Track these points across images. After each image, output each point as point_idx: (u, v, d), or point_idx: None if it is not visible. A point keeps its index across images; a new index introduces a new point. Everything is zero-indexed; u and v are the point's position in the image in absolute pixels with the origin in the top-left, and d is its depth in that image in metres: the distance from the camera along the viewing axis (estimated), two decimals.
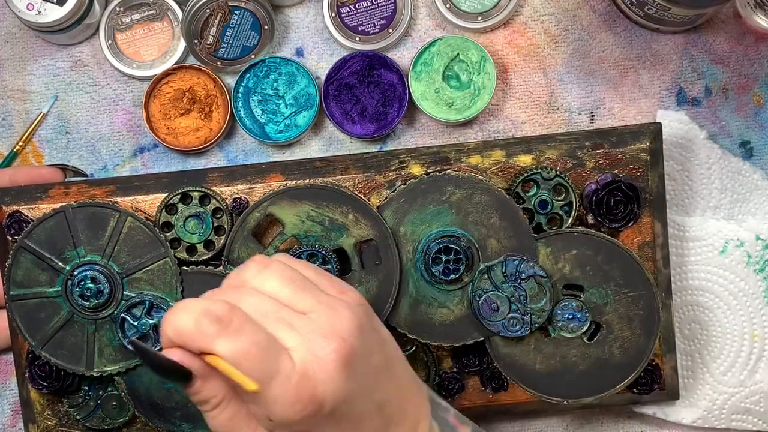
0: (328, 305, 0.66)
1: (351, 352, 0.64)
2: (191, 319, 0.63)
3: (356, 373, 0.65)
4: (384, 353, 0.68)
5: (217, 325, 0.62)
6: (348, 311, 0.66)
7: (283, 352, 0.63)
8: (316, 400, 0.63)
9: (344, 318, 0.65)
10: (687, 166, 0.92)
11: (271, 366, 0.62)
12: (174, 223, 0.85)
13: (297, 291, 0.66)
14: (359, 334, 0.65)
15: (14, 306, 0.84)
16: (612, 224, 0.85)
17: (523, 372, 0.85)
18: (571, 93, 0.93)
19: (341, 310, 0.66)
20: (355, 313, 0.66)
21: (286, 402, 0.62)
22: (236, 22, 0.89)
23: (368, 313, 0.69)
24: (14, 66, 0.93)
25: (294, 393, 0.62)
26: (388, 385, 0.68)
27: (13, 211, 0.85)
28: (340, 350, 0.64)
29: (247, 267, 0.67)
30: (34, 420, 0.87)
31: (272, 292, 0.66)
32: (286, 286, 0.66)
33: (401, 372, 0.70)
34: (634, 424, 0.94)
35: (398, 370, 0.69)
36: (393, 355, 0.70)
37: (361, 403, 0.66)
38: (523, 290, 0.83)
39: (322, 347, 0.64)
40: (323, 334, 0.64)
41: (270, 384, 0.62)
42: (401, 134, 0.93)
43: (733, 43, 0.93)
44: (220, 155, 0.93)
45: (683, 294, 0.92)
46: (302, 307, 0.66)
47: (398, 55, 0.93)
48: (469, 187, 0.84)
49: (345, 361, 0.64)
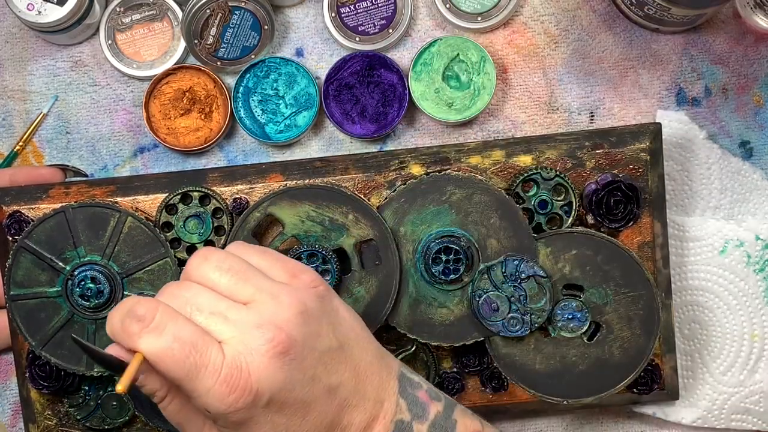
0: (270, 294, 0.66)
1: (287, 340, 0.65)
2: (118, 319, 0.65)
3: (296, 359, 0.65)
4: (337, 335, 0.69)
5: (138, 324, 0.64)
6: (290, 298, 0.66)
7: (213, 346, 0.64)
8: (251, 391, 0.64)
9: (284, 306, 0.66)
10: (687, 166, 0.92)
11: (198, 360, 0.63)
12: (174, 223, 0.85)
13: (238, 281, 0.67)
14: (301, 319, 0.66)
15: (14, 306, 0.84)
16: (612, 224, 0.85)
17: (523, 372, 0.85)
18: (571, 93, 0.93)
19: (282, 297, 0.66)
20: (299, 299, 0.67)
21: (217, 394, 0.63)
22: (236, 22, 0.89)
23: (321, 295, 0.69)
24: (14, 66, 0.93)
25: (225, 385, 0.63)
26: (341, 368, 0.68)
27: (13, 211, 0.85)
28: (274, 339, 0.64)
29: (190, 260, 0.68)
30: (34, 420, 0.88)
31: (212, 284, 0.67)
32: (226, 276, 0.67)
33: (359, 353, 0.70)
34: (634, 424, 0.94)
35: (355, 352, 0.69)
36: (349, 337, 0.70)
37: (305, 389, 0.66)
38: (523, 290, 0.83)
39: (256, 338, 0.64)
40: (258, 325, 0.65)
41: (198, 378, 0.63)
42: (401, 134, 0.93)
43: (732, 43, 0.93)
44: (220, 155, 0.93)
45: (683, 294, 0.92)
46: (243, 297, 0.67)
47: (398, 55, 0.93)
48: (469, 187, 0.84)
49: (280, 350, 0.64)
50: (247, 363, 0.64)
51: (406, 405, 0.70)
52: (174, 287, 0.67)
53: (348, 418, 0.69)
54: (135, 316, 0.64)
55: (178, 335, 0.64)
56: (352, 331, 0.70)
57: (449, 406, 0.72)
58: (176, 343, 0.63)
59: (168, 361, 0.63)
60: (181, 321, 0.64)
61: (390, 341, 0.87)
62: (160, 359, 0.63)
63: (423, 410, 0.71)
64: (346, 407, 0.68)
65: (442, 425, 0.71)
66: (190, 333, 0.64)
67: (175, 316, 0.64)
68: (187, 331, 0.64)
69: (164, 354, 0.63)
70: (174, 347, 0.63)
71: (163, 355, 0.63)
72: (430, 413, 0.71)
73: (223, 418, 0.65)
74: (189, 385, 0.64)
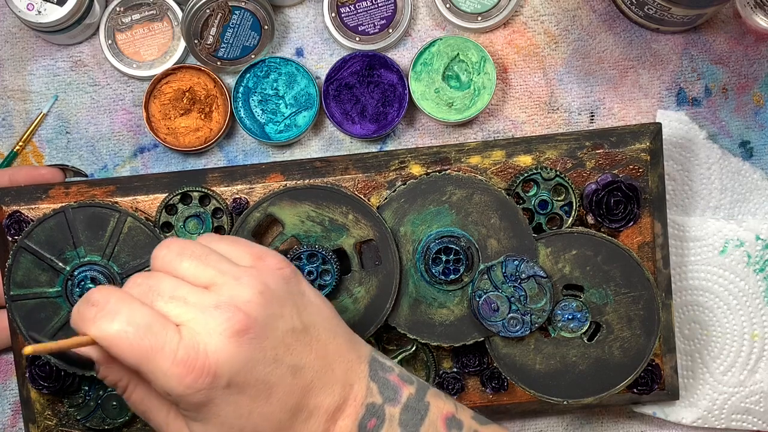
0: (233, 276, 0.67)
1: (245, 319, 0.65)
2: (75, 308, 0.66)
3: (255, 338, 0.65)
4: (302, 318, 0.69)
5: (92, 309, 0.64)
6: (251, 279, 0.67)
7: (169, 328, 0.64)
8: (209, 371, 0.64)
9: (244, 286, 0.66)
10: (687, 166, 0.92)
11: (153, 342, 0.64)
12: (174, 224, 0.85)
13: (198, 265, 0.67)
14: (262, 299, 0.66)
15: (14, 306, 0.84)
16: (612, 224, 0.85)
17: (523, 372, 0.85)
18: (571, 93, 0.93)
19: (244, 278, 0.67)
20: (261, 280, 0.67)
21: (174, 376, 0.64)
22: (236, 22, 0.89)
23: (287, 277, 0.69)
24: (14, 66, 0.93)
25: (182, 366, 0.64)
26: (306, 350, 0.68)
27: (13, 211, 0.85)
28: (232, 319, 0.65)
29: (155, 251, 0.69)
30: (34, 420, 0.88)
31: (174, 271, 0.67)
32: (187, 261, 0.67)
33: (326, 336, 0.69)
34: (634, 424, 0.94)
35: (322, 335, 0.69)
36: (315, 320, 0.70)
37: (266, 369, 0.66)
38: (523, 290, 0.83)
39: (214, 318, 0.65)
40: (216, 305, 0.65)
41: (154, 360, 0.64)
42: (401, 134, 0.93)
43: (733, 43, 0.93)
44: (220, 155, 0.93)
45: (683, 294, 0.92)
46: (204, 280, 0.67)
47: (398, 55, 0.93)
48: (469, 187, 0.84)
49: (237, 328, 0.65)
50: (205, 344, 0.64)
51: (377, 388, 0.70)
52: (138, 277, 0.67)
53: (315, 401, 0.68)
54: (89, 301, 0.65)
55: (132, 319, 0.64)
56: (319, 315, 0.70)
57: (422, 389, 0.72)
58: (130, 326, 0.64)
59: (122, 345, 0.64)
60: (137, 305, 0.65)
61: (390, 341, 0.87)
62: (114, 343, 0.64)
63: (395, 393, 0.71)
64: (311, 389, 0.68)
65: (415, 407, 0.70)
66: (145, 316, 0.64)
67: (130, 301, 0.65)
68: (142, 314, 0.64)
69: (118, 337, 0.63)
70: (128, 330, 0.63)
71: (117, 339, 0.64)
72: (402, 396, 0.71)
73: (183, 401, 0.65)
74: (146, 368, 0.64)
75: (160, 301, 0.66)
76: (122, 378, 0.67)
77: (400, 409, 0.70)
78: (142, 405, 0.68)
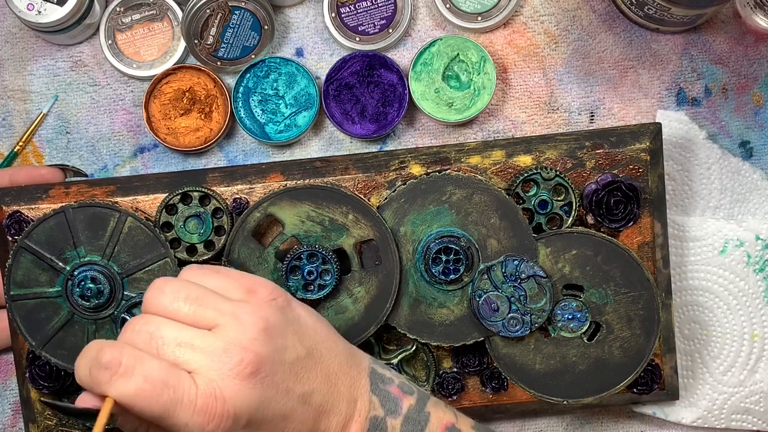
0: (232, 315, 0.67)
1: (255, 359, 0.66)
2: (86, 369, 0.65)
3: (267, 376, 0.66)
4: (304, 343, 0.69)
5: (106, 372, 0.64)
6: (251, 316, 0.67)
7: (184, 378, 0.65)
8: (229, 416, 0.65)
9: (247, 325, 0.67)
10: (687, 166, 0.92)
11: (172, 395, 0.64)
12: (174, 224, 0.85)
13: (198, 308, 0.67)
14: (266, 336, 0.67)
15: (14, 306, 0.84)
16: (612, 224, 0.85)
17: (523, 372, 0.85)
18: (571, 93, 0.93)
19: (243, 317, 0.67)
20: (259, 316, 0.67)
21: (197, 426, 0.64)
22: (236, 22, 0.89)
23: (281, 307, 0.70)
24: (14, 66, 0.93)
25: (203, 415, 0.64)
26: (312, 375, 0.69)
27: (13, 211, 0.85)
28: (243, 362, 0.65)
29: (146, 294, 0.69)
30: (34, 420, 0.88)
31: (173, 314, 0.67)
32: (185, 304, 0.67)
33: (328, 356, 0.70)
34: (634, 424, 0.94)
35: (325, 356, 0.70)
36: (316, 342, 0.70)
37: (280, 403, 0.67)
38: (523, 290, 0.83)
39: (225, 363, 0.65)
40: (225, 349, 0.65)
41: (176, 412, 0.64)
42: (401, 134, 0.93)
43: (732, 43, 0.93)
44: (220, 155, 0.93)
45: (683, 294, 0.92)
46: (206, 323, 0.67)
47: (398, 55, 0.93)
48: (469, 187, 0.84)
49: (250, 370, 0.65)
50: (221, 389, 0.65)
51: (379, 401, 0.71)
52: (136, 323, 0.67)
53: (326, 423, 0.69)
54: (101, 365, 0.64)
55: (148, 375, 0.64)
56: (318, 335, 0.71)
57: (422, 399, 0.73)
58: (147, 383, 0.64)
59: (142, 403, 0.64)
60: (148, 360, 0.65)
61: (390, 341, 0.87)
62: (134, 402, 0.64)
63: (396, 405, 0.71)
64: (322, 413, 0.69)
65: (416, 419, 0.71)
66: (160, 370, 0.64)
67: (141, 356, 0.65)
68: (156, 369, 0.64)
69: (137, 396, 0.64)
70: (145, 388, 0.64)
71: (137, 398, 0.64)
72: (402, 407, 0.71)
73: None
74: (168, 422, 0.64)
75: (167, 348, 0.66)
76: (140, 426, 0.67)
77: (401, 420, 0.71)
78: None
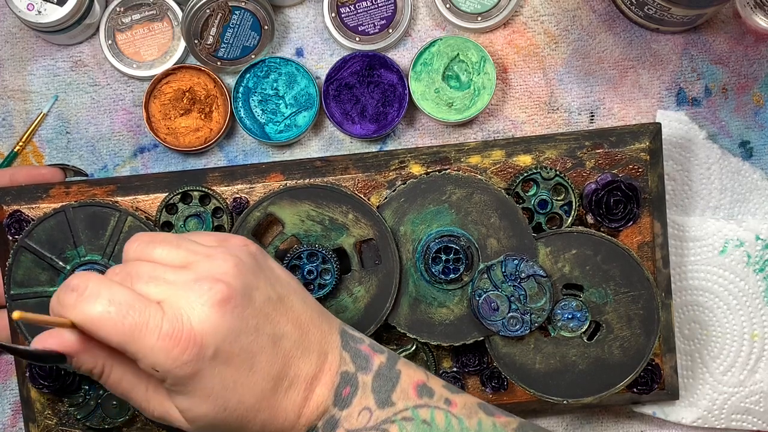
0: (205, 254, 0.68)
1: (226, 290, 0.66)
2: (55, 297, 0.66)
3: (236, 308, 0.67)
4: (275, 289, 0.70)
5: (72, 294, 0.65)
6: (225, 254, 0.68)
7: (151, 305, 0.65)
8: (195, 342, 0.65)
9: (219, 260, 0.68)
10: (687, 166, 0.92)
11: (137, 319, 0.65)
12: (174, 223, 0.85)
13: (171, 249, 0.69)
14: (237, 272, 0.68)
15: (15, 305, 0.84)
16: (611, 224, 0.85)
17: (523, 372, 0.85)
18: (571, 93, 0.93)
19: (217, 254, 0.68)
20: (233, 255, 0.69)
21: (162, 350, 0.65)
22: (236, 22, 0.89)
23: (253, 253, 0.71)
24: (14, 66, 0.93)
25: (168, 340, 0.65)
26: (283, 319, 0.69)
27: (13, 210, 0.85)
28: (213, 289, 0.66)
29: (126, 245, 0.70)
30: (34, 419, 0.88)
31: (147, 257, 0.69)
32: (158, 247, 0.69)
33: (300, 307, 0.71)
34: (634, 424, 0.94)
35: (296, 306, 0.71)
36: (287, 292, 0.71)
37: (248, 338, 0.67)
38: (522, 290, 0.83)
39: (195, 291, 0.66)
40: (195, 279, 0.66)
41: (140, 337, 0.65)
42: (401, 134, 0.94)
43: (733, 43, 0.93)
44: (220, 155, 0.93)
45: (683, 294, 0.92)
46: (178, 261, 0.68)
47: (398, 55, 0.93)
48: (468, 186, 0.84)
49: (220, 298, 0.66)
50: (188, 316, 0.65)
51: (350, 357, 0.72)
52: (115, 267, 0.69)
53: (295, 370, 0.70)
54: (69, 287, 0.66)
55: (114, 299, 0.65)
56: (290, 287, 0.72)
57: (392, 358, 0.73)
58: (112, 306, 0.64)
59: (106, 325, 0.64)
60: (116, 287, 0.66)
61: (390, 341, 0.87)
62: (98, 325, 0.65)
63: (366, 362, 0.72)
64: (291, 358, 0.69)
65: (387, 375, 0.72)
66: (126, 296, 0.65)
67: (109, 283, 0.66)
68: (123, 294, 0.65)
69: (101, 318, 0.64)
70: (110, 311, 0.64)
71: (101, 320, 0.64)
72: (373, 364, 0.72)
73: (171, 375, 0.66)
74: (132, 347, 0.65)
75: (140, 283, 0.67)
76: (96, 364, 0.68)
77: (372, 376, 0.71)
78: (120, 387, 0.69)
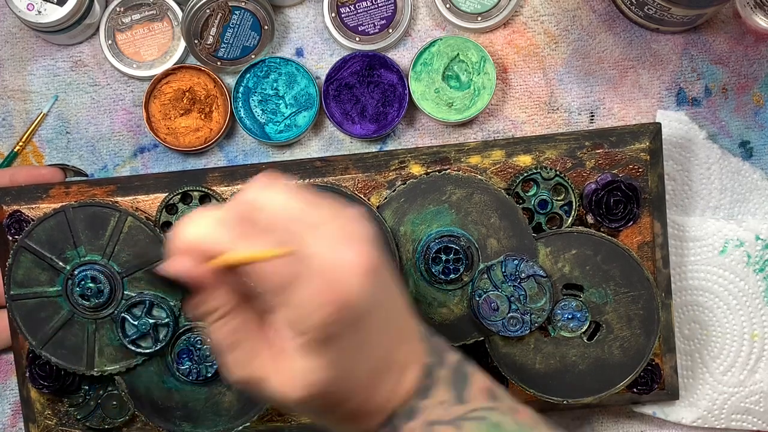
0: (344, 216, 0.64)
1: (373, 258, 0.62)
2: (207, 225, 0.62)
3: (377, 281, 0.63)
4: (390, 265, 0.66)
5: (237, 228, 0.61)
6: (364, 221, 0.64)
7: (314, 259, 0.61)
8: (347, 303, 0.61)
9: (362, 226, 0.64)
10: (687, 166, 0.92)
11: (293, 269, 0.61)
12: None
13: (307, 205, 0.64)
14: (376, 242, 0.64)
15: (15, 306, 0.84)
16: (612, 224, 0.85)
17: (523, 372, 0.85)
18: (571, 93, 0.93)
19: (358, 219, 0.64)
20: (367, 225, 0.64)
21: (315, 304, 0.61)
22: (236, 22, 0.89)
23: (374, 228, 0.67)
24: (14, 66, 0.93)
25: (325, 294, 0.61)
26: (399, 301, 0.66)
27: (13, 210, 0.85)
28: (363, 255, 0.62)
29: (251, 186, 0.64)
30: (34, 419, 0.88)
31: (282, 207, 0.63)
32: (294, 200, 0.64)
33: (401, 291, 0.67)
34: (634, 424, 0.94)
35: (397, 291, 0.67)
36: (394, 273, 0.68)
37: (379, 315, 0.64)
38: (522, 290, 0.83)
39: (346, 251, 0.62)
40: (344, 241, 0.62)
41: (295, 287, 0.61)
42: (401, 134, 0.93)
43: (732, 43, 0.93)
44: (220, 155, 0.93)
45: (683, 294, 0.92)
46: (315, 219, 0.63)
47: (398, 55, 0.93)
48: (468, 186, 0.84)
49: (369, 266, 0.62)
50: (342, 274, 0.61)
51: (430, 350, 0.68)
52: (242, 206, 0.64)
53: (396, 354, 0.66)
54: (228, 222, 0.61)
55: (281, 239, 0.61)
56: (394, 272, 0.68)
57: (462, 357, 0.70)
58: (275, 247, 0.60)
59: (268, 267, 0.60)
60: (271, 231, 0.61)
61: None
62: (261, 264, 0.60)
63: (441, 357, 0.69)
64: (397, 341, 0.66)
65: (461, 372, 0.68)
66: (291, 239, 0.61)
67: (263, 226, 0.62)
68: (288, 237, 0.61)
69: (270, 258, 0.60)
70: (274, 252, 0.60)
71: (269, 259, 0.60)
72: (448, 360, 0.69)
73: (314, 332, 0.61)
74: (283, 295, 0.61)
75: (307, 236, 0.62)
76: (226, 304, 0.63)
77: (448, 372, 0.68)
78: (234, 335, 0.64)
